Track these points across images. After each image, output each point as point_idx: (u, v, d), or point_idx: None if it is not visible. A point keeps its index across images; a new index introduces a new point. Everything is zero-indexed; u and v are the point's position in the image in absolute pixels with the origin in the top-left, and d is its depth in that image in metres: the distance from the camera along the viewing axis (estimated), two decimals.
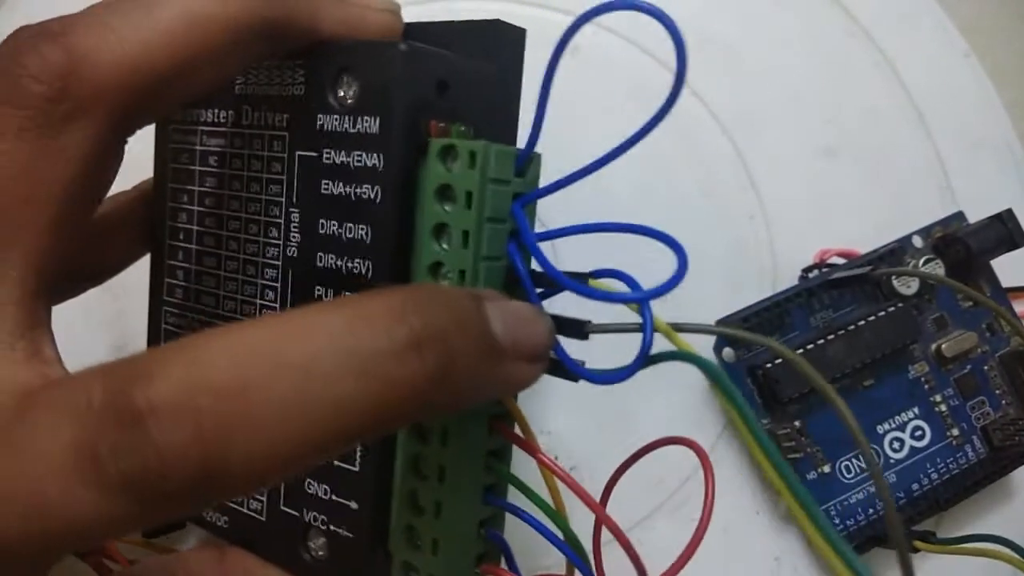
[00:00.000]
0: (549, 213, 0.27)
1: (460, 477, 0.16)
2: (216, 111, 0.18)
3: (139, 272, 0.21)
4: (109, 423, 0.11)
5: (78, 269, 0.19)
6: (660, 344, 0.15)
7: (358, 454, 0.16)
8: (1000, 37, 0.34)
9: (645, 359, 0.14)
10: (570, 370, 0.15)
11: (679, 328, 0.15)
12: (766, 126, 0.29)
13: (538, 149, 0.18)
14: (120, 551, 0.20)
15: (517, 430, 0.16)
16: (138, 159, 0.20)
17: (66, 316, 0.17)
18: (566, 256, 0.27)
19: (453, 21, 0.17)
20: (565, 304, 0.16)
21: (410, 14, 0.18)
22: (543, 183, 0.16)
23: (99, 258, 0.20)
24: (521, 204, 0.16)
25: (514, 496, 0.17)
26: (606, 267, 0.15)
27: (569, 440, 0.27)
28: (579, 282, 0.15)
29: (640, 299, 0.14)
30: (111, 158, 0.15)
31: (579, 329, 0.15)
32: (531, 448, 0.16)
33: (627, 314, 0.15)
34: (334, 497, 0.17)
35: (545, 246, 0.27)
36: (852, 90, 0.30)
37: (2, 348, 0.13)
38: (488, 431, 0.16)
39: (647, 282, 0.23)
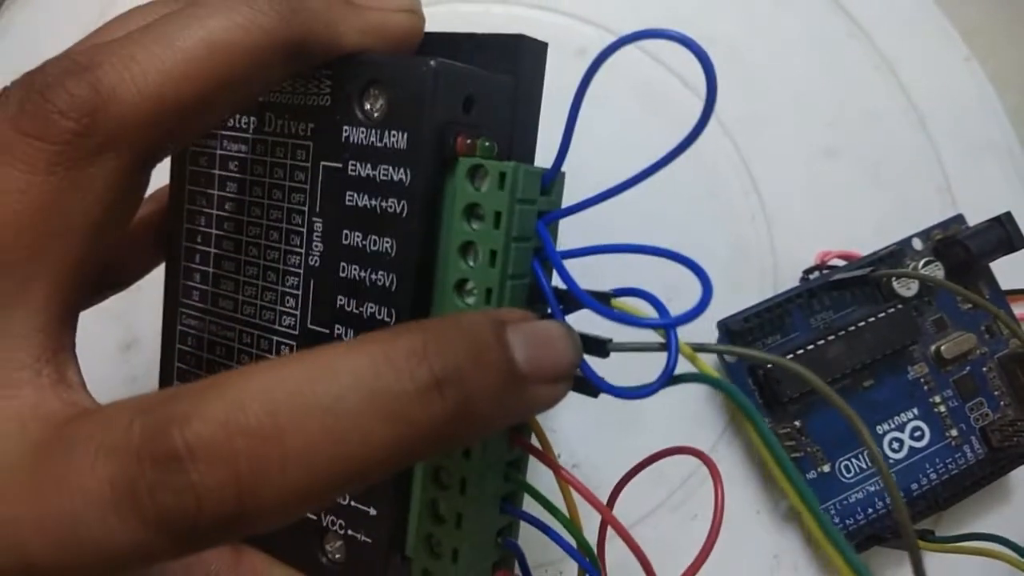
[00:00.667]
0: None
1: (481, 489, 0.16)
2: (238, 117, 0.18)
3: None
4: (148, 462, 0.11)
5: (102, 281, 0.19)
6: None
7: None
8: (1001, 41, 0.34)
9: (669, 379, 0.15)
10: (595, 386, 0.15)
11: (700, 348, 0.15)
12: (768, 128, 0.30)
13: (542, 150, 0.18)
14: None
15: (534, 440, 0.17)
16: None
17: None
18: (581, 264, 0.27)
19: (476, 34, 0.18)
20: (581, 318, 0.16)
21: (428, 16, 0.18)
22: (553, 161, 0.16)
23: (120, 266, 0.20)
24: (545, 222, 0.16)
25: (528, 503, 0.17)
26: (629, 286, 0.16)
27: (572, 438, 0.27)
28: (602, 302, 0.15)
29: (667, 325, 0.15)
30: (137, 188, 0.15)
31: (600, 347, 0.15)
32: (550, 462, 0.16)
33: (646, 331, 0.15)
34: (352, 503, 0.17)
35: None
36: (853, 92, 0.30)
37: (29, 374, 0.14)
38: (508, 444, 0.17)
39: (660, 283, 0.23)
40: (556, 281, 0.16)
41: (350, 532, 0.17)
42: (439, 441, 0.13)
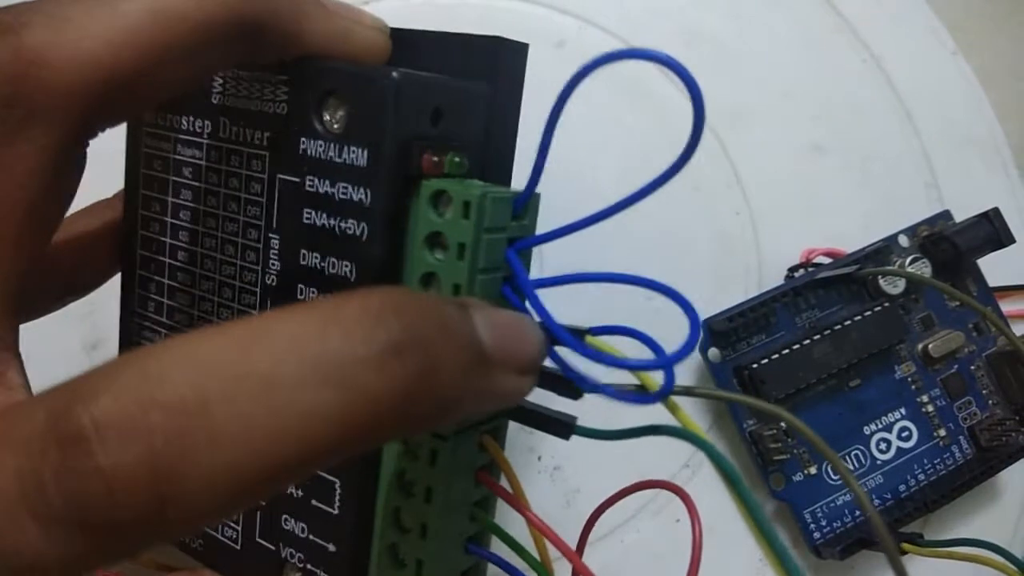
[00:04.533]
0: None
1: (443, 530, 0.15)
2: (192, 120, 0.17)
3: None
4: (52, 446, 0.10)
5: (59, 283, 0.18)
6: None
7: (337, 497, 0.16)
8: (988, 36, 0.33)
9: (647, 430, 0.14)
10: (575, 385, 0.14)
11: (689, 392, 0.14)
12: (753, 123, 0.29)
13: (518, 153, 0.17)
14: None
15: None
16: (115, 157, 0.19)
17: None
18: (552, 252, 0.27)
19: (449, 33, 0.16)
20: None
21: (392, 6, 0.17)
22: (527, 180, 0.15)
23: (79, 271, 0.19)
24: (516, 249, 0.15)
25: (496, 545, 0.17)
26: (614, 324, 0.14)
27: (552, 439, 0.27)
28: (578, 338, 0.14)
29: (664, 365, 0.14)
30: (71, 165, 0.14)
31: (573, 388, 0.14)
32: (518, 505, 0.15)
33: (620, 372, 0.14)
34: (311, 536, 0.16)
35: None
36: (840, 88, 0.30)
37: None
38: (475, 483, 0.16)
39: (638, 290, 0.22)
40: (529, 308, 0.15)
41: (309, 567, 0.16)
42: (396, 417, 0.11)
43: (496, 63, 0.16)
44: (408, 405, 0.11)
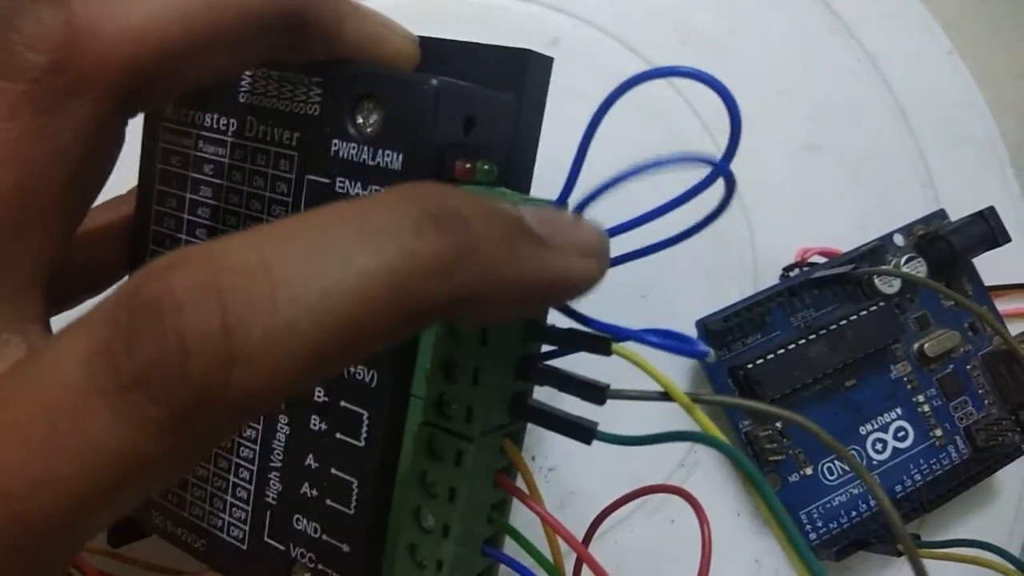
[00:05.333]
0: None
1: (464, 533, 0.15)
2: (216, 117, 0.17)
3: None
4: (123, 316, 0.10)
5: (76, 278, 0.18)
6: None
7: (354, 497, 0.15)
8: (983, 35, 0.33)
9: (670, 436, 0.14)
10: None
11: (696, 399, 0.14)
12: (748, 122, 0.29)
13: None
14: (90, 564, 0.19)
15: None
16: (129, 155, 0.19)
17: None
18: None
19: (478, 44, 0.17)
20: (577, 361, 0.15)
21: (385, 4, 0.17)
22: (560, 190, 0.15)
23: (96, 267, 0.19)
24: None
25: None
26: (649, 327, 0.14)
27: (546, 440, 0.27)
28: (603, 348, 0.14)
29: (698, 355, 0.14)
30: (112, 140, 0.14)
31: (597, 394, 0.14)
32: (535, 508, 0.15)
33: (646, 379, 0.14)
34: (324, 536, 0.16)
35: None
36: (835, 87, 0.30)
37: None
38: (493, 486, 0.16)
39: (633, 281, 0.22)
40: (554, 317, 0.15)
41: (320, 566, 0.16)
42: (446, 279, 0.11)
43: (523, 75, 0.16)
44: (455, 267, 0.11)
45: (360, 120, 0.15)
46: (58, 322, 0.17)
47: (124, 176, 0.19)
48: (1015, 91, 0.33)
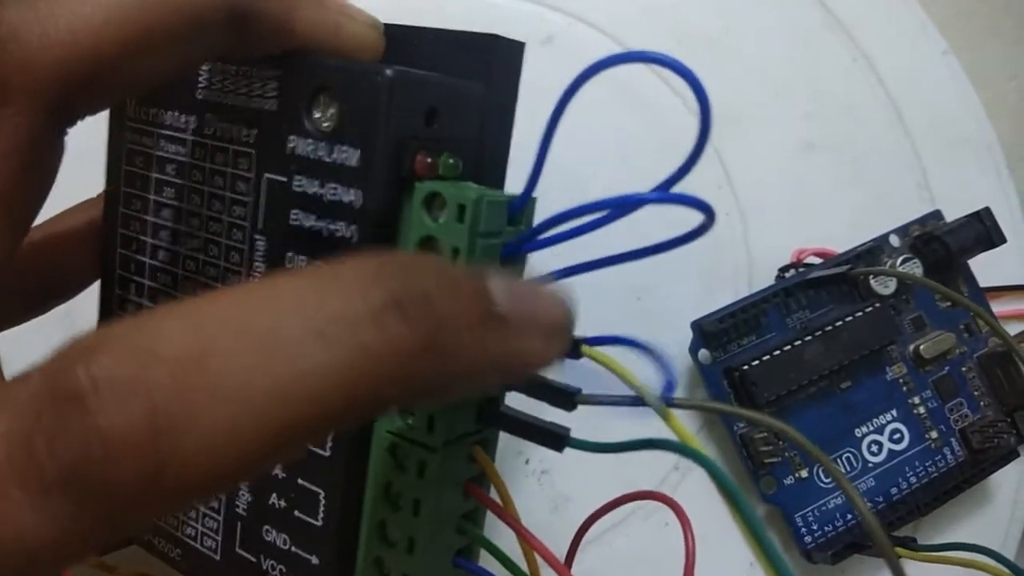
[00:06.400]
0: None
1: (430, 545, 0.15)
2: (176, 114, 0.17)
3: None
4: (46, 407, 0.09)
5: (39, 285, 0.18)
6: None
7: (321, 508, 0.15)
8: (978, 35, 0.33)
9: (641, 443, 0.14)
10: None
11: (674, 404, 0.14)
12: (743, 121, 0.29)
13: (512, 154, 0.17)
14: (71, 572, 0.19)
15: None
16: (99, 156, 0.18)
17: None
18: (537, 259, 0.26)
19: (444, 30, 0.16)
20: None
21: (374, 4, 0.17)
22: (525, 184, 0.15)
23: (61, 273, 0.18)
24: (503, 256, 0.14)
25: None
26: (609, 334, 0.14)
27: (543, 455, 0.26)
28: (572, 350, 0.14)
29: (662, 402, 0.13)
30: (48, 152, 0.13)
31: (567, 400, 0.14)
32: (510, 520, 0.15)
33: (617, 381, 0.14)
34: (294, 548, 0.15)
35: None
36: (830, 86, 0.30)
37: None
38: (463, 495, 0.15)
39: (627, 286, 0.22)
40: None
41: None
42: (400, 378, 0.10)
43: (492, 62, 0.16)
44: (411, 363, 0.10)
45: (317, 115, 0.14)
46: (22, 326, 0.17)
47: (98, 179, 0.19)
48: (1011, 91, 0.33)
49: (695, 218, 0.14)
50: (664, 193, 0.13)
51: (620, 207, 0.13)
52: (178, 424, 0.09)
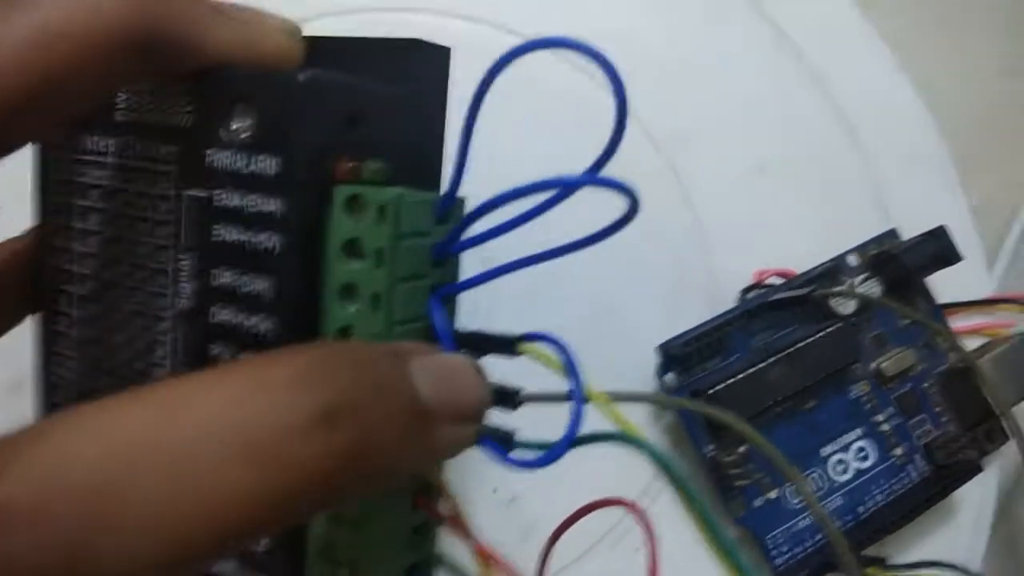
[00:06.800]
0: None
1: (378, 562, 0.14)
2: (96, 139, 0.16)
3: None
4: None
5: None
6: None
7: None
8: (931, 52, 0.34)
9: (572, 441, 0.14)
10: (492, 453, 0.14)
11: (617, 397, 0.14)
12: (699, 143, 0.29)
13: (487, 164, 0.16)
14: None
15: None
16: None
17: None
18: (513, 286, 0.26)
19: (368, 38, 0.16)
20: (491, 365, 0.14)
21: (327, 26, 0.17)
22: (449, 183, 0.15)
23: None
24: (439, 297, 0.14)
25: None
26: (536, 331, 0.14)
27: (508, 471, 0.26)
28: (509, 348, 0.14)
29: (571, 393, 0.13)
30: None
31: (509, 399, 0.14)
32: (460, 528, 0.15)
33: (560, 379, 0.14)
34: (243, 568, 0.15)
35: (477, 265, 0.26)
36: (785, 107, 0.30)
37: None
38: (412, 507, 0.15)
39: (592, 303, 0.21)
40: (465, 302, 0.15)
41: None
42: (329, 491, 0.10)
43: (418, 66, 0.16)
44: (341, 477, 0.10)
45: (234, 127, 0.14)
46: None
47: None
48: (963, 109, 0.34)
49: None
50: (591, 176, 0.13)
51: (546, 188, 0.13)
52: (93, 556, 0.09)
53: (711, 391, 0.25)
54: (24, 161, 0.16)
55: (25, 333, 0.19)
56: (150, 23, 0.13)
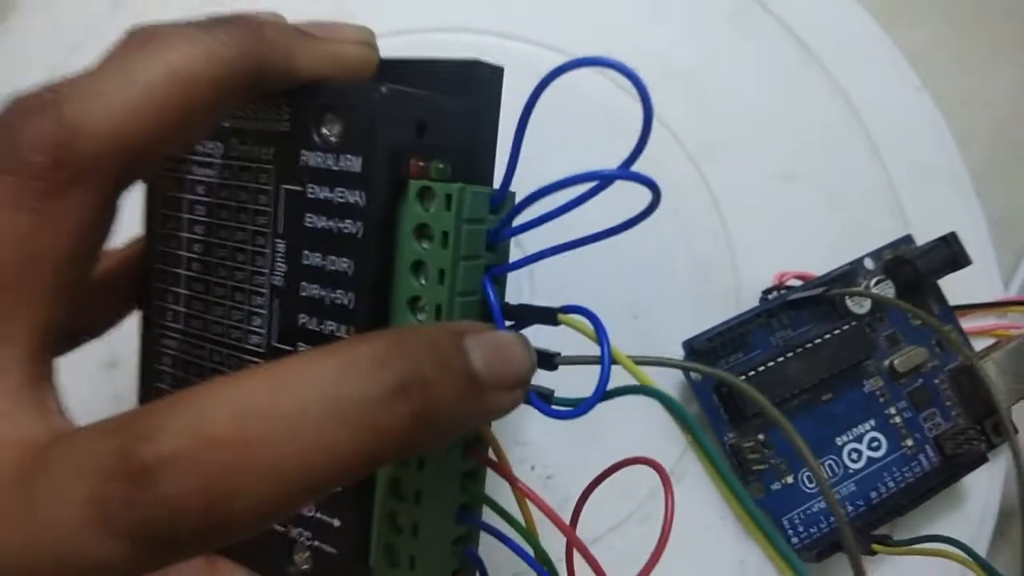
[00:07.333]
0: (527, 236, 0.29)
1: (436, 499, 0.17)
2: (205, 142, 0.19)
3: None
4: (121, 479, 0.12)
5: (78, 326, 0.20)
6: (623, 376, 0.16)
7: None
8: (950, 68, 0.35)
9: (603, 395, 0.16)
10: (534, 407, 0.16)
11: (640, 361, 0.16)
12: (728, 153, 0.31)
13: (528, 174, 0.19)
14: None
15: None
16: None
17: None
18: (551, 283, 0.29)
19: (433, 60, 0.19)
20: (536, 333, 0.17)
21: (386, 46, 0.19)
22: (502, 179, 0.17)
23: (97, 314, 0.21)
24: (491, 276, 0.17)
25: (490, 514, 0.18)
26: (574, 303, 0.17)
27: (544, 450, 0.28)
28: (550, 318, 0.16)
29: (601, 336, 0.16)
30: (108, 217, 0.16)
31: (548, 361, 0.17)
32: (505, 473, 0.17)
33: (594, 345, 0.17)
34: (318, 515, 0.18)
35: (523, 272, 0.28)
36: (809, 120, 0.32)
37: (11, 403, 0.14)
38: (463, 456, 0.18)
39: (623, 303, 0.24)
40: (510, 296, 0.17)
41: (316, 543, 0.18)
42: (402, 447, 0.13)
43: (475, 82, 0.18)
44: (412, 435, 0.13)
45: (324, 131, 0.17)
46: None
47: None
48: (979, 121, 0.35)
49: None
50: (622, 171, 0.15)
51: (583, 180, 0.15)
52: (225, 493, 0.12)
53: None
54: None
55: None
56: (254, 59, 0.16)
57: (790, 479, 0.28)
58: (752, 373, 0.27)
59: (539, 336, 0.17)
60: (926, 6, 0.36)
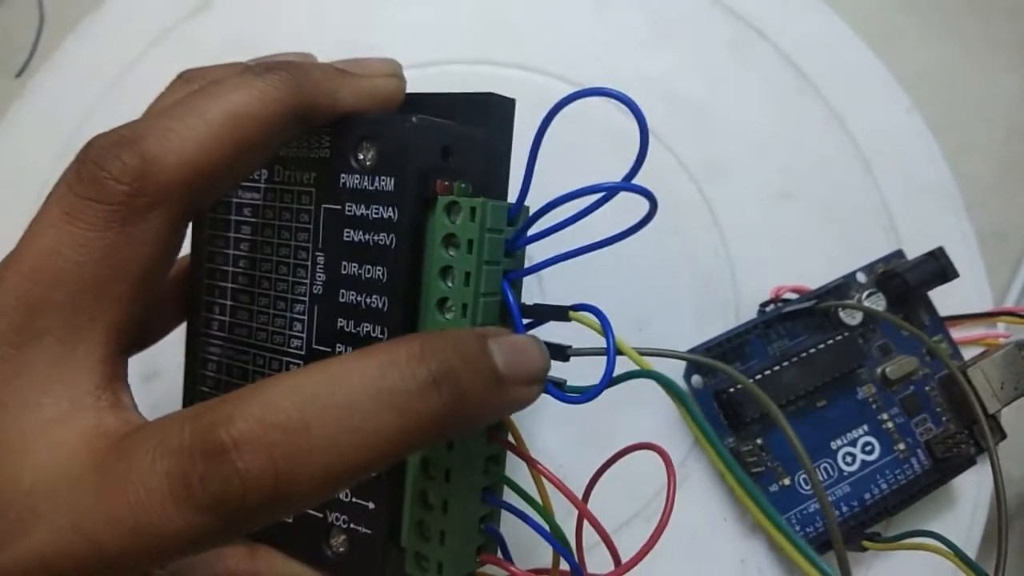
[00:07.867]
0: (536, 248, 0.31)
1: (463, 478, 0.19)
2: None
3: None
4: (199, 456, 0.14)
5: (145, 331, 0.22)
6: (628, 366, 0.18)
7: None
8: (942, 89, 0.37)
9: (610, 380, 0.18)
10: (550, 394, 0.18)
11: (643, 352, 0.18)
12: (727, 173, 0.33)
13: (537, 191, 0.21)
14: None
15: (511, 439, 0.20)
16: None
17: None
18: (562, 291, 0.31)
19: (454, 93, 0.21)
20: (544, 330, 0.19)
21: (409, 77, 0.21)
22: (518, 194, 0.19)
23: (160, 321, 0.23)
24: (509, 280, 0.19)
25: (508, 496, 0.20)
26: (583, 302, 0.19)
27: (557, 456, 0.30)
28: (562, 315, 0.18)
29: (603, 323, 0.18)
30: (178, 239, 0.18)
31: (561, 353, 0.19)
32: (523, 454, 0.19)
33: (601, 341, 0.18)
34: (353, 499, 0.19)
35: (532, 279, 0.30)
36: (805, 142, 0.34)
37: (91, 399, 0.16)
38: (487, 440, 0.19)
39: (629, 315, 0.26)
40: (525, 297, 0.19)
41: (352, 525, 0.20)
42: (436, 431, 0.15)
43: (490, 113, 0.20)
44: (445, 421, 0.15)
45: (361, 156, 0.19)
46: None
47: None
48: (968, 140, 0.37)
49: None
50: (624, 184, 0.17)
51: (590, 192, 0.17)
52: (290, 470, 0.14)
53: (731, 390, 0.29)
54: None
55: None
56: (301, 99, 0.18)
57: (787, 481, 0.30)
58: (750, 381, 0.29)
59: (551, 334, 0.19)
60: (925, 27, 0.38)
